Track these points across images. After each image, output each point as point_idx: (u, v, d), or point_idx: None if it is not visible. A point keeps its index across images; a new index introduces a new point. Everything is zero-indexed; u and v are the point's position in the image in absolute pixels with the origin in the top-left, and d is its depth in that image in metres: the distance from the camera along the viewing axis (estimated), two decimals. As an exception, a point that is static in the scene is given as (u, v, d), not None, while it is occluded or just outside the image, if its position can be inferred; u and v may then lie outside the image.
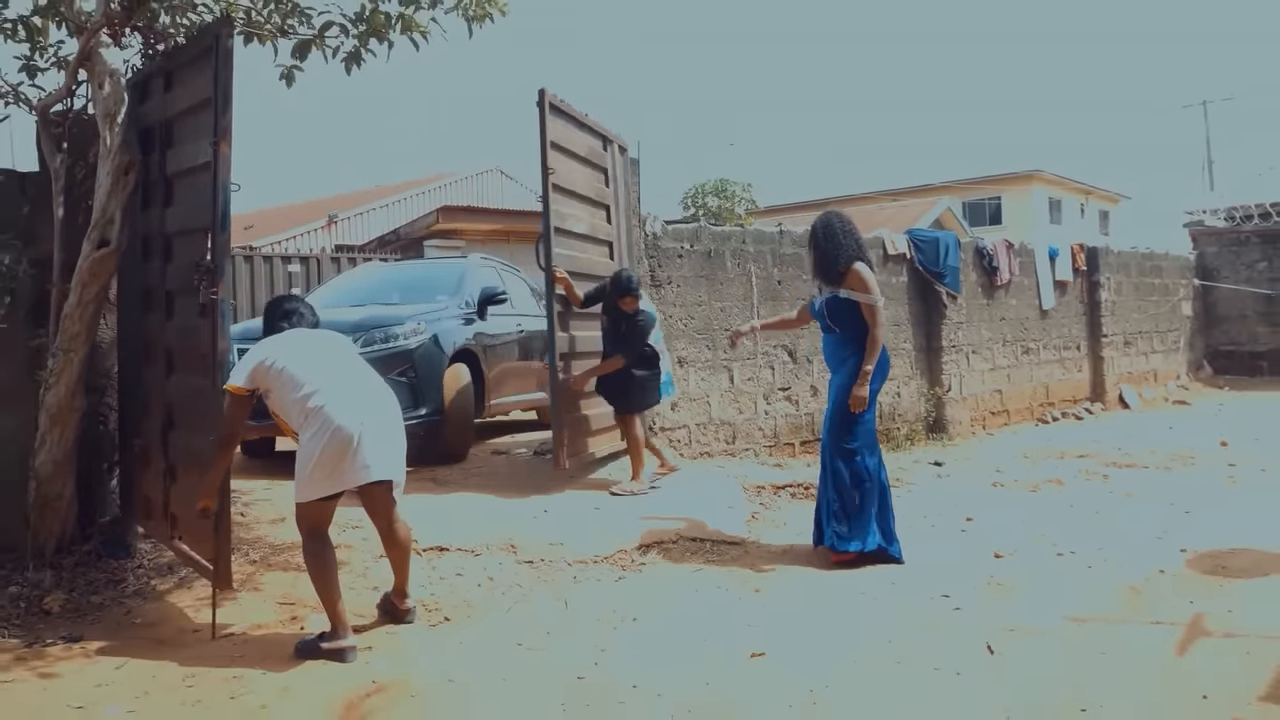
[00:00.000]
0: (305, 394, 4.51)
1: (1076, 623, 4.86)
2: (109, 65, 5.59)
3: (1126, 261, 16.03)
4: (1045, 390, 13.87)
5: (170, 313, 5.42)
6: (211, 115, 4.73)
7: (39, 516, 5.76)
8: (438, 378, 8.14)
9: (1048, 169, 41.26)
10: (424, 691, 4.10)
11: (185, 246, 5.24)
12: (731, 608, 5.20)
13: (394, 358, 7.80)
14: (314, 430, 4.49)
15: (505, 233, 18.41)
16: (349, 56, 6.03)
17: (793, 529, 6.84)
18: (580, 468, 7.88)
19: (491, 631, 4.86)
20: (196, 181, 5.02)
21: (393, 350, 7.87)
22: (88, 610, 5.29)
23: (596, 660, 4.41)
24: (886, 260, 11.21)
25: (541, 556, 5.92)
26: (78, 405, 5.76)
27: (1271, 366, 17.78)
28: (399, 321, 8.15)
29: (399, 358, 7.86)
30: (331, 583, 4.59)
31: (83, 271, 5.55)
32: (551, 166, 7.33)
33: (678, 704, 3.86)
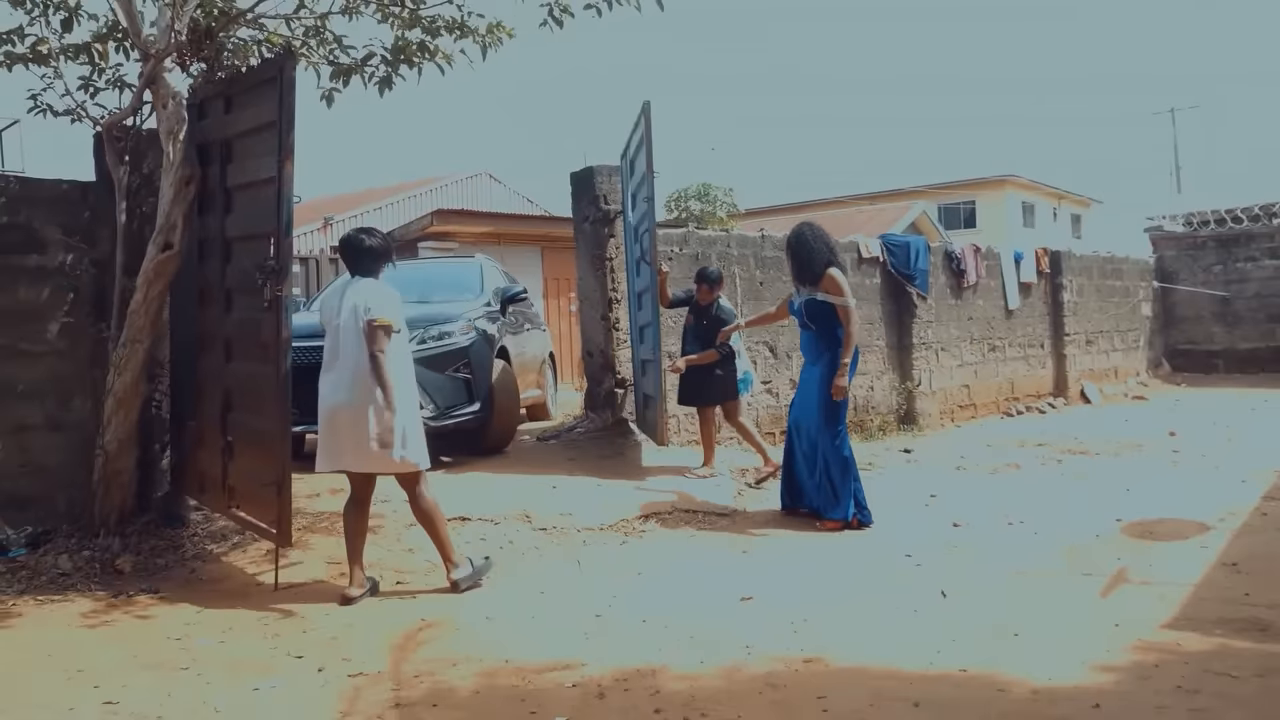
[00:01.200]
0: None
1: (1019, 575, 5.66)
2: (172, 88, 6.32)
3: (1089, 264, 16.92)
4: (1010, 385, 14.71)
5: (229, 307, 6.14)
6: (274, 135, 5.47)
7: (105, 490, 6.48)
8: (488, 374, 8.57)
9: (1021, 174, 42.22)
10: (467, 625, 4.86)
11: (245, 250, 5.97)
12: (723, 564, 5.99)
13: (451, 355, 8.24)
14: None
15: (496, 235, 19.10)
16: (382, 81, 6.78)
17: (774, 503, 7.62)
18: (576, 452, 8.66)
19: (517, 583, 5.63)
20: (258, 193, 5.76)
21: (449, 348, 8.27)
22: (155, 570, 6.03)
23: (609, 603, 5.18)
24: (861, 263, 12.02)
25: (553, 525, 6.69)
26: (140, 391, 6.50)
27: (1226, 364, 18.72)
28: (451, 319, 8.50)
29: (455, 355, 8.29)
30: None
31: (148, 271, 6.27)
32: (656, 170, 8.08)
33: (682, 633, 4.63)
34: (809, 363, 7.11)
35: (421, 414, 7.28)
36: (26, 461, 6.61)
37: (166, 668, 4.31)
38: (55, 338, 6.76)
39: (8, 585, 5.69)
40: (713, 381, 8.33)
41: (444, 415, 8.11)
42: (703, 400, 8.47)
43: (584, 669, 4.17)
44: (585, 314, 10.11)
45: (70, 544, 6.32)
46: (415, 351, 7.44)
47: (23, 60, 6.86)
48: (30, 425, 6.65)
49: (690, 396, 8.52)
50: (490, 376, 8.59)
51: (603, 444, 9.08)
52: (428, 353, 7.97)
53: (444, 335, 8.30)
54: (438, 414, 8.02)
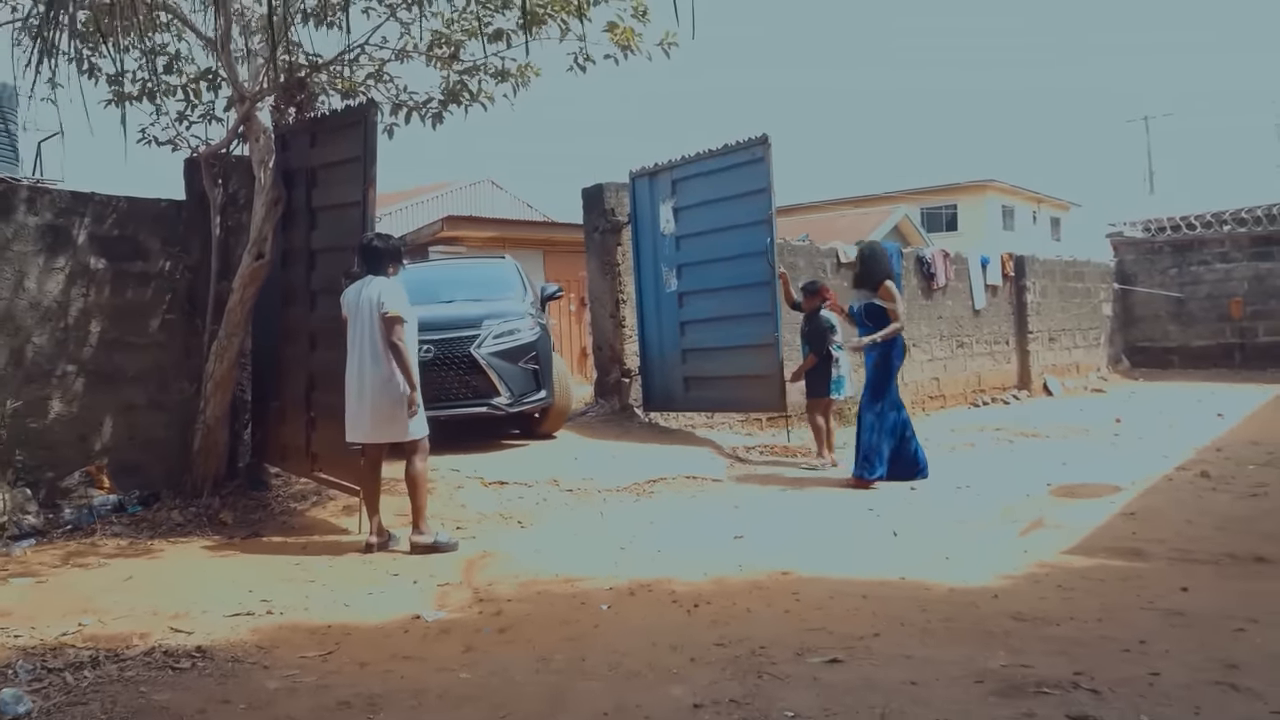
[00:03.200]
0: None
1: (959, 523, 7.01)
2: (262, 125, 7.66)
3: (1052, 268, 18.34)
4: (977, 379, 16.09)
5: (314, 306, 7.45)
6: (358, 167, 6.82)
7: (204, 458, 7.81)
8: (550, 366, 9.52)
9: (1001, 178, 43.40)
10: (519, 555, 6.21)
11: (328, 260, 7.30)
12: (719, 515, 7.35)
13: (522, 349, 9.23)
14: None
15: (501, 240, 20.37)
16: (434, 117, 8.12)
17: (760, 475, 8.98)
18: (590, 432, 9.99)
19: (554, 528, 7.00)
20: (342, 213, 7.10)
21: (520, 342, 9.25)
22: (251, 523, 7.35)
23: (630, 541, 6.53)
24: (839, 267, 13.37)
25: (578, 487, 8.04)
26: (234, 375, 7.84)
27: (1181, 360, 20.17)
28: (519, 316, 9.50)
29: (525, 349, 9.25)
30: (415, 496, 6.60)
31: (243, 276, 7.61)
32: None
33: (688, 559, 5.97)
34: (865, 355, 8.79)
35: (500, 400, 8.80)
36: (134, 436, 7.91)
37: (296, 581, 5.65)
38: (156, 331, 8.06)
39: (138, 532, 7.02)
40: (812, 379, 9.76)
41: (518, 402, 9.19)
42: (813, 393, 9.85)
43: (615, 580, 5.51)
44: (596, 313, 11.48)
45: (177, 503, 7.64)
46: (493, 344, 8.89)
47: (130, 98, 8.18)
48: (136, 405, 7.94)
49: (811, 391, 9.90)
50: (552, 367, 9.60)
51: (613, 425, 10.44)
52: (502, 346, 9.11)
53: (515, 331, 9.30)
54: (513, 400, 9.14)
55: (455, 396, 9.01)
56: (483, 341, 9.08)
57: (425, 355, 8.41)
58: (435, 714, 3.63)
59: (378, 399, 6.43)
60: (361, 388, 6.48)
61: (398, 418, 6.44)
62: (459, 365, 9.00)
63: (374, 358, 6.42)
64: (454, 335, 9.04)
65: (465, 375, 9.01)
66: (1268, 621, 4.45)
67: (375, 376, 6.42)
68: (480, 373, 9.02)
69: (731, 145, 10.23)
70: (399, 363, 6.41)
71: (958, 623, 4.57)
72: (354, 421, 6.53)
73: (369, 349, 6.43)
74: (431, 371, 8.54)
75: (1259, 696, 3.52)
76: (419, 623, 4.82)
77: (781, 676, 3.87)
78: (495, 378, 9.04)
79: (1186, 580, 5.21)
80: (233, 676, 4.05)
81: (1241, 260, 19.82)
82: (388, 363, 6.41)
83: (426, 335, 8.38)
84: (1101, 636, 4.29)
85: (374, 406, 6.44)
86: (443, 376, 8.89)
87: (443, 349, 8.92)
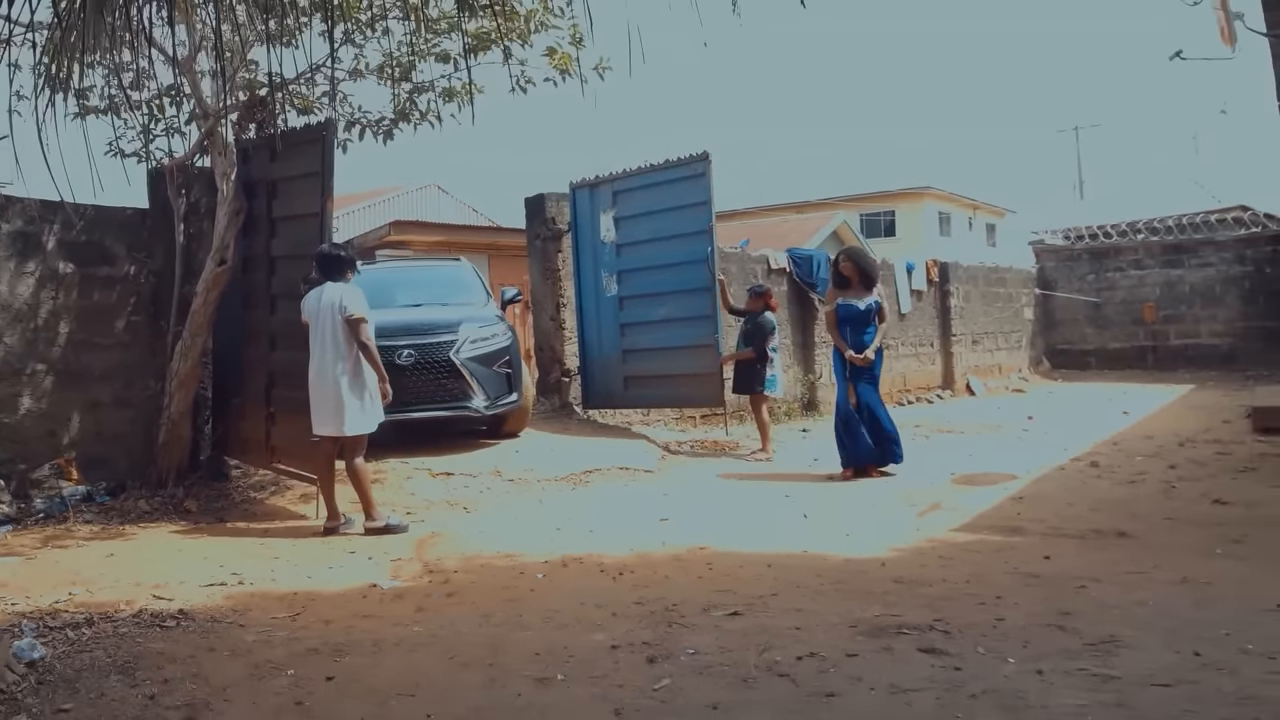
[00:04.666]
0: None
1: (865, 507, 7.74)
2: (225, 139, 8.22)
3: (975, 274, 19.28)
4: (903, 379, 16.94)
5: (273, 309, 8.02)
6: (316, 180, 7.41)
7: (168, 451, 8.35)
8: (521, 368, 9.87)
9: (938, 186, 44.53)
10: (464, 535, 6.84)
11: (288, 266, 7.88)
12: (649, 502, 8.03)
13: (498, 352, 9.53)
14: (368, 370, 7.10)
15: (447, 244, 20.89)
16: (385, 133, 8.72)
17: (690, 467, 9.69)
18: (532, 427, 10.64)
19: (496, 513, 7.64)
20: (301, 223, 7.68)
21: (496, 347, 9.55)
22: (215, 511, 7.91)
23: (565, 523, 7.19)
24: (770, 273, 14.12)
25: (519, 477, 8.69)
26: (197, 374, 8.39)
27: (1098, 361, 21.25)
28: (493, 320, 9.82)
29: (500, 353, 9.56)
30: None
31: (207, 281, 8.16)
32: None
33: (617, 537, 6.63)
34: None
35: (477, 402, 9.24)
36: (101, 431, 8.42)
37: (262, 558, 6.24)
38: (122, 332, 8.59)
39: (108, 519, 7.55)
40: (753, 375, 10.54)
41: (494, 404, 9.51)
42: (743, 389, 10.70)
43: (550, 555, 6.16)
44: (537, 316, 12.14)
45: (143, 493, 8.18)
46: (470, 348, 9.28)
47: (95, 111, 8.68)
48: (103, 402, 8.46)
49: (739, 387, 10.77)
50: (522, 370, 10.00)
51: (553, 422, 11.10)
52: (479, 351, 9.41)
53: (490, 335, 9.61)
54: (489, 403, 9.45)
55: (434, 399, 9.26)
56: (460, 346, 9.34)
57: (406, 359, 8.96)
58: (393, 658, 4.26)
59: (335, 395, 7.00)
60: (323, 385, 7.05)
61: (345, 413, 6.98)
62: (438, 369, 9.22)
63: (335, 357, 6.99)
64: (433, 340, 9.29)
65: (444, 379, 9.25)
66: (1108, 580, 5.21)
67: (335, 375, 6.99)
68: (459, 376, 9.28)
69: (674, 160, 10.96)
70: (368, 359, 7.03)
71: (846, 585, 5.28)
72: (317, 415, 7.10)
73: (330, 349, 6.99)
74: (411, 375, 8.99)
75: (1079, 633, 4.26)
76: (376, 590, 5.45)
77: (688, 625, 4.55)
78: (473, 381, 9.33)
79: (1052, 551, 5.96)
80: (213, 632, 4.65)
81: (1154, 267, 20.93)
82: (347, 361, 6.99)
83: (406, 340, 9.03)
84: (965, 594, 5.02)
85: (333, 402, 7.02)
86: (422, 380, 9.15)
87: (423, 353, 9.19)
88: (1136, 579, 5.24)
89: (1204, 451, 9.92)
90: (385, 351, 8.28)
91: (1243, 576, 5.26)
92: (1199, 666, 3.79)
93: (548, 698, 3.71)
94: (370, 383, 7.12)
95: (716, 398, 11.08)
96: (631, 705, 3.59)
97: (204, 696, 3.80)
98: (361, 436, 7.15)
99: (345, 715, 3.61)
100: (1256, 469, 8.80)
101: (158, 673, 4.04)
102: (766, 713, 3.48)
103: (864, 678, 3.78)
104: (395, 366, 8.69)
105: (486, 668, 4.07)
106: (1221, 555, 5.76)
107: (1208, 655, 3.90)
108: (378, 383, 7.10)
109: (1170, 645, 4.05)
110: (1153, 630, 4.28)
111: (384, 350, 8.26)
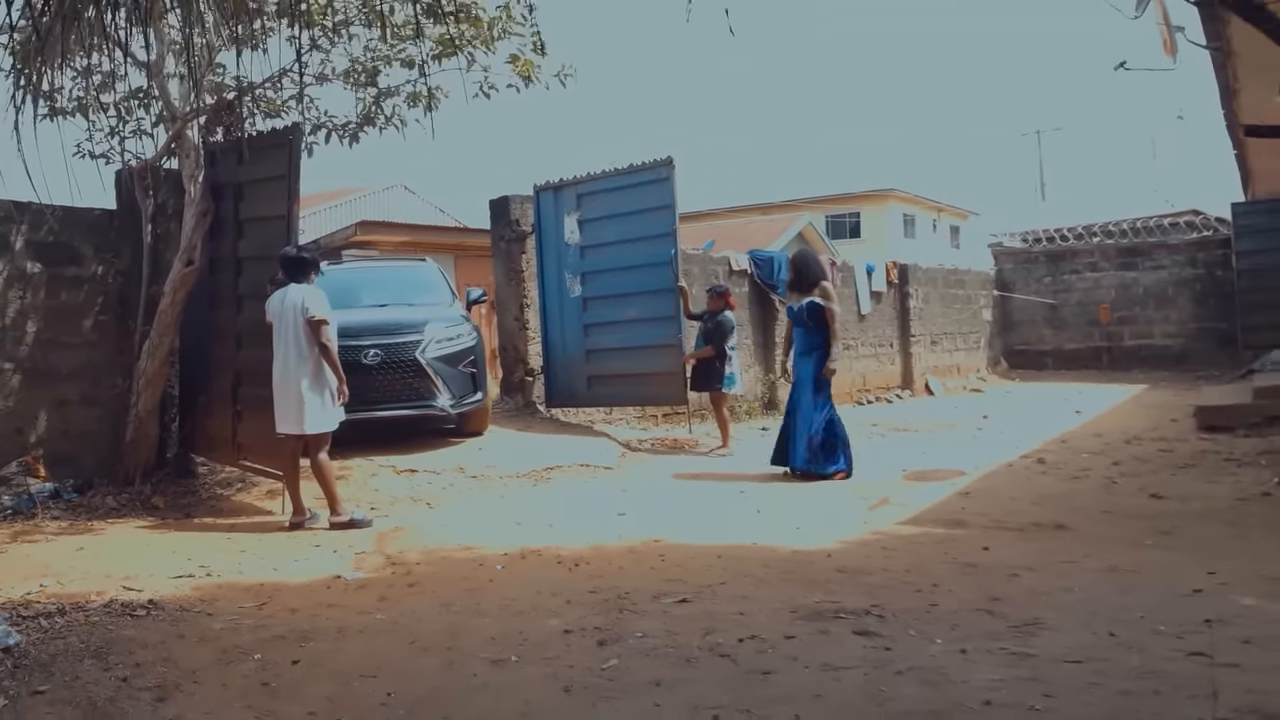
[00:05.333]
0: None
1: (815, 503, 8.00)
2: (193, 141, 8.37)
3: (934, 275, 19.64)
4: (863, 379, 17.26)
5: (240, 309, 8.18)
6: (283, 183, 7.58)
7: (135, 449, 8.48)
8: (485, 369, 10.08)
9: (903, 188, 45.00)
10: (427, 530, 7.04)
11: (254, 267, 8.04)
12: (607, 496, 8.26)
13: (463, 353, 9.67)
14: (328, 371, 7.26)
15: (413, 245, 21.02)
16: (350, 137, 8.90)
17: (650, 464, 9.92)
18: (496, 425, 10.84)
19: (459, 508, 7.84)
20: (268, 225, 7.84)
21: (462, 347, 9.68)
22: (182, 507, 8.05)
23: (525, 518, 7.41)
24: (731, 274, 14.38)
25: (481, 474, 8.89)
26: (164, 372, 8.53)
27: (1055, 362, 21.70)
28: (459, 321, 9.96)
29: (466, 352, 9.70)
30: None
31: (174, 281, 8.30)
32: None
33: (576, 532, 6.85)
34: (802, 353, 9.37)
35: (442, 401, 9.31)
36: (68, 429, 8.54)
37: (229, 551, 6.42)
38: (89, 331, 8.71)
39: (76, 516, 7.67)
40: (712, 373, 10.82)
41: (459, 404, 9.65)
42: (702, 387, 10.98)
43: (509, 548, 6.37)
44: (502, 316, 12.36)
45: (110, 490, 8.30)
46: (436, 348, 9.37)
47: (64, 113, 8.80)
48: (70, 400, 8.57)
49: (698, 385, 11.03)
50: (486, 370, 10.20)
51: (516, 420, 11.31)
52: (445, 351, 9.52)
53: (456, 335, 9.74)
54: (455, 402, 9.59)
55: (399, 398, 9.35)
56: (426, 346, 9.45)
57: (372, 359, 9.07)
58: (356, 643, 4.46)
59: (298, 394, 7.17)
60: (286, 384, 7.22)
61: (305, 412, 7.14)
62: (404, 369, 9.32)
63: (298, 357, 7.16)
64: (399, 340, 9.38)
65: (410, 378, 9.34)
66: (1041, 569, 5.49)
67: (298, 375, 7.16)
68: (424, 376, 9.38)
69: (638, 165, 11.19)
70: (328, 360, 7.18)
71: (792, 574, 5.53)
72: (281, 414, 7.27)
73: (293, 350, 7.16)
74: (377, 374, 9.13)
75: (1005, 617, 4.53)
76: (340, 581, 5.64)
77: (639, 612, 4.78)
78: (438, 381, 9.44)
79: (991, 542, 6.24)
80: (183, 621, 4.83)
81: (1109, 270, 21.40)
82: (309, 362, 7.16)
83: (372, 339, 9.14)
84: (903, 582, 5.28)
85: (296, 400, 7.19)
86: (388, 379, 9.25)
87: (389, 353, 9.27)
88: (1067, 568, 5.53)
89: (1148, 449, 10.27)
90: (351, 351, 8.52)
91: (1167, 564, 5.55)
92: (1112, 645, 4.06)
93: (502, 677, 3.93)
94: (332, 382, 7.28)
95: (679, 396, 11.32)
96: (580, 683, 3.82)
97: (175, 679, 3.99)
98: (324, 434, 7.31)
99: (310, 695, 3.80)
100: (1196, 465, 9.15)
101: (129, 657, 4.23)
102: (706, 688, 3.71)
103: (800, 657, 4.03)
104: (361, 366, 8.88)
105: (445, 651, 4.28)
106: (1151, 546, 6.06)
107: (1122, 636, 4.17)
108: (336, 384, 7.25)
109: (1089, 627, 4.32)
110: (1075, 614, 4.55)
111: (350, 350, 8.51)
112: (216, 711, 3.68)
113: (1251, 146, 12.82)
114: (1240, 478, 8.32)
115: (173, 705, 3.74)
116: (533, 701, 3.66)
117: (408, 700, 3.72)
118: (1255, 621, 4.31)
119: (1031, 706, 3.41)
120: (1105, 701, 3.43)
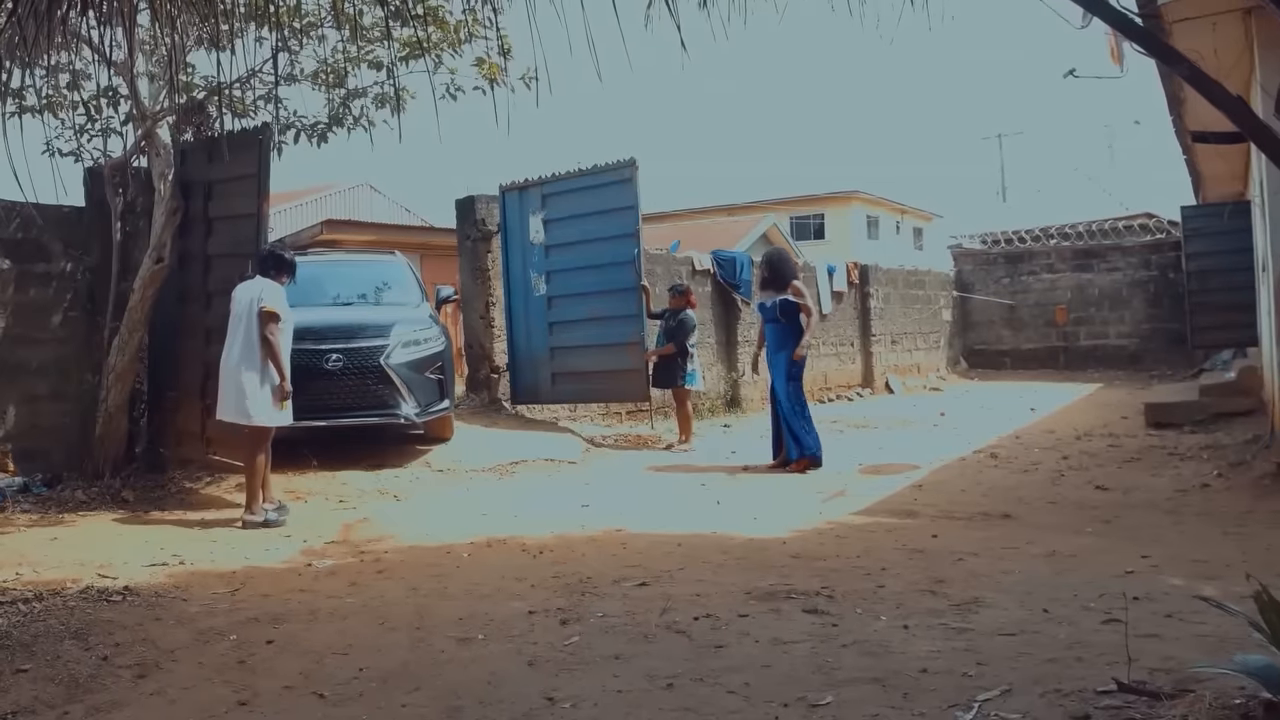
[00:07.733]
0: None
1: (773, 495, 8.24)
2: (163, 141, 8.49)
3: (894, 276, 19.98)
4: (825, 378, 17.53)
5: (209, 306, 8.31)
6: (253, 182, 7.73)
7: (104, 443, 8.59)
8: (452, 374, 9.79)
9: (867, 190, 45.43)
10: (395, 520, 7.22)
11: (223, 264, 8.18)
12: (571, 488, 8.47)
13: (429, 359, 9.27)
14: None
15: (380, 243, 21.09)
16: (319, 136, 9.05)
17: (613, 459, 10.14)
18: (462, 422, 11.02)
19: (425, 500, 8.03)
20: (237, 223, 7.99)
21: (428, 353, 9.29)
22: (153, 500, 8.17)
23: (490, 509, 7.61)
24: (695, 274, 14.61)
25: (448, 468, 9.07)
26: (133, 368, 8.64)
27: (1013, 361, 22.13)
28: (426, 324, 9.54)
29: (433, 359, 9.31)
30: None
31: (144, 278, 8.42)
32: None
33: (541, 522, 7.05)
34: (776, 349, 9.65)
35: (407, 409, 9.06)
36: (37, 423, 8.64)
37: (201, 541, 6.57)
38: (58, 327, 8.82)
39: (47, 509, 7.77)
40: (674, 370, 11.04)
41: (425, 411, 9.24)
42: (664, 384, 11.21)
43: (475, 537, 6.56)
44: (467, 315, 12.53)
45: (80, 484, 8.41)
46: (402, 354, 9.05)
47: (32, 111, 8.88)
48: (39, 395, 8.68)
49: (660, 381, 11.24)
50: (453, 375, 9.99)
51: (482, 416, 11.48)
52: (410, 357, 9.11)
53: (423, 340, 9.32)
54: (420, 410, 9.18)
55: (362, 405, 8.98)
56: (391, 351, 9.04)
57: (334, 364, 8.81)
58: (327, 625, 4.64)
59: (239, 383, 7.17)
60: (231, 371, 7.21)
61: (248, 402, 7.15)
62: (367, 375, 8.92)
63: (246, 346, 7.17)
64: (363, 345, 8.99)
65: (373, 385, 8.95)
66: (984, 554, 5.74)
67: (245, 364, 7.18)
68: (389, 383, 8.99)
69: (602, 166, 11.42)
70: (270, 355, 7.19)
71: (747, 560, 5.76)
72: (223, 401, 7.30)
73: (244, 338, 7.19)
74: (339, 380, 8.82)
75: (947, 597, 4.77)
76: (310, 568, 5.82)
77: (600, 594, 4.99)
78: (404, 388, 9.04)
79: (939, 531, 6.49)
80: (159, 605, 4.99)
81: (1065, 271, 21.86)
82: (259, 352, 7.18)
83: (334, 343, 8.88)
84: (854, 566, 5.52)
85: (237, 388, 7.18)
86: (350, 385, 8.88)
87: (352, 358, 8.89)
88: (1009, 553, 5.79)
89: (1098, 444, 10.60)
90: (313, 355, 8.49)
91: (1104, 550, 5.82)
92: (1044, 620, 4.31)
93: (468, 653, 4.13)
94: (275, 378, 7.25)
95: (642, 393, 11.55)
96: (544, 657, 4.03)
97: (153, 658, 4.16)
98: (267, 429, 7.31)
99: (285, 670, 3.98)
100: (1141, 459, 9.48)
101: (109, 638, 4.39)
102: (663, 661, 3.93)
103: (751, 633, 4.26)
104: (324, 372, 8.70)
105: (413, 631, 4.47)
106: (1091, 533, 6.34)
107: (1054, 612, 4.43)
108: (278, 381, 7.21)
109: (1024, 605, 4.58)
110: (1012, 593, 4.80)
111: (312, 354, 8.48)
112: (195, 687, 3.85)
113: (1200, 151, 13.17)
114: (1182, 471, 8.64)
115: (152, 681, 3.91)
116: (498, 673, 3.86)
117: (379, 674, 3.90)
118: (1180, 599, 4.57)
119: (965, 673, 3.64)
120: (1033, 668, 3.67)
